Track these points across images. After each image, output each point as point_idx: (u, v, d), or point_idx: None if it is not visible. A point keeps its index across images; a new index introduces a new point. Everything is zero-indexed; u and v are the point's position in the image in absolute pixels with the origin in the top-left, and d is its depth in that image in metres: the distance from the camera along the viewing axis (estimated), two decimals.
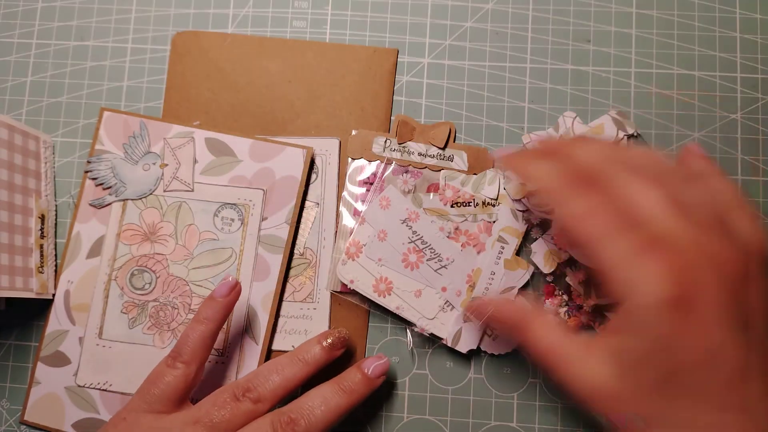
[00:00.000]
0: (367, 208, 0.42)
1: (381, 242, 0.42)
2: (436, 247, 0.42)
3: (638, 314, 0.26)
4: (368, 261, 0.42)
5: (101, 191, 0.44)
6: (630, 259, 0.27)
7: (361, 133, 0.44)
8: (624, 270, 0.27)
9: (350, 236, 0.42)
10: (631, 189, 0.29)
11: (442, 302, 0.41)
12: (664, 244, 0.27)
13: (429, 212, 0.42)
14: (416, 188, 0.43)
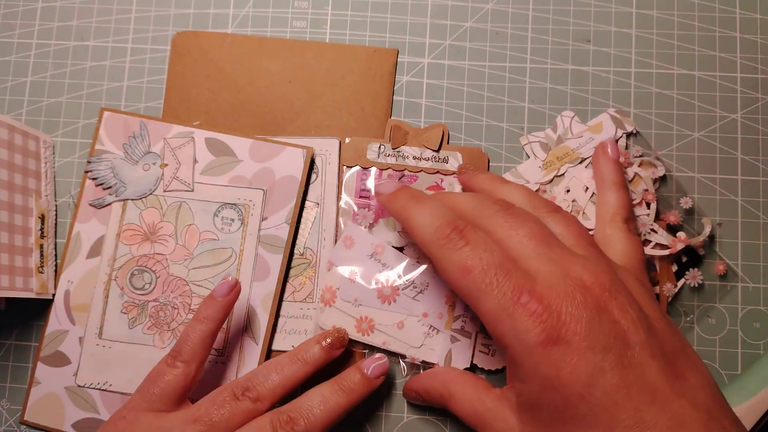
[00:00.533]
0: (333, 252, 0.42)
1: (353, 283, 0.41)
2: (408, 276, 0.41)
3: (521, 361, 0.28)
4: (345, 304, 0.41)
5: (101, 191, 0.44)
6: (505, 310, 0.28)
7: (355, 141, 0.44)
8: (501, 322, 0.28)
9: (321, 284, 0.42)
10: (501, 233, 0.31)
11: (426, 328, 0.41)
12: (531, 285, 0.28)
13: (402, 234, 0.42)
14: (376, 219, 0.42)
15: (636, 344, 0.27)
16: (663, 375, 0.26)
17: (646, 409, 0.26)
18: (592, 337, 0.27)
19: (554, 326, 0.27)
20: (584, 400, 0.26)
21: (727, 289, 0.43)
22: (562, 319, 0.27)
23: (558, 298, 0.27)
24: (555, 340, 0.27)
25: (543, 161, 0.43)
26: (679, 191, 0.43)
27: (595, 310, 0.27)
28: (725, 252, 0.43)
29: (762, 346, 0.42)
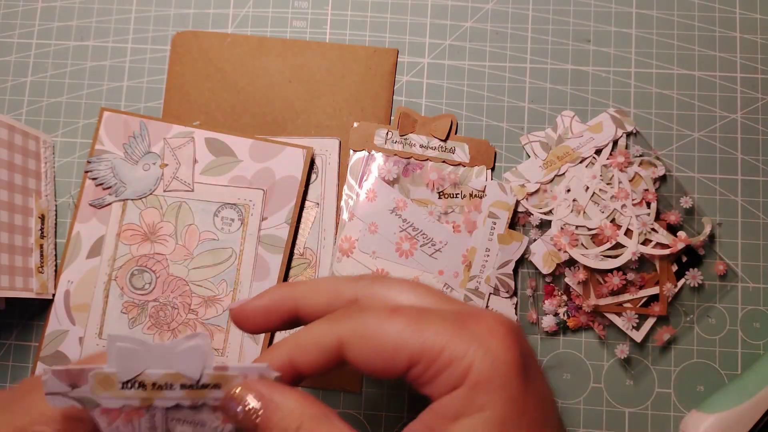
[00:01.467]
0: (355, 202, 0.43)
1: (373, 235, 0.42)
2: (428, 232, 0.42)
3: (490, 383, 0.23)
4: (362, 255, 0.42)
5: (101, 191, 0.44)
6: (457, 335, 0.23)
7: (363, 126, 0.44)
8: (456, 346, 0.23)
9: (342, 233, 0.42)
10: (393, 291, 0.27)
11: (440, 286, 0.41)
12: (477, 316, 0.25)
13: (416, 203, 0.42)
14: (400, 177, 0.43)
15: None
16: None
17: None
18: (538, 365, 0.25)
19: (523, 350, 0.25)
20: (541, 423, 0.25)
21: (727, 289, 0.43)
22: (525, 345, 0.26)
23: (513, 325, 0.26)
24: (523, 363, 0.25)
25: (543, 161, 0.43)
26: (679, 191, 0.43)
27: (527, 343, 0.26)
28: (725, 252, 0.43)
29: (762, 346, 0.42)
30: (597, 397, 0.42)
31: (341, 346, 0.24)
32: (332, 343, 0.25)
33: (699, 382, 0.42)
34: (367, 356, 0.24)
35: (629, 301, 0.41)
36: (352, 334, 0.24)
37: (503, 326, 0.24)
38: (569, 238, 0.41)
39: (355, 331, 0.24)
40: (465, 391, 0.22)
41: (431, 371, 0.23)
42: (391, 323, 0.24)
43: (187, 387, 0.24)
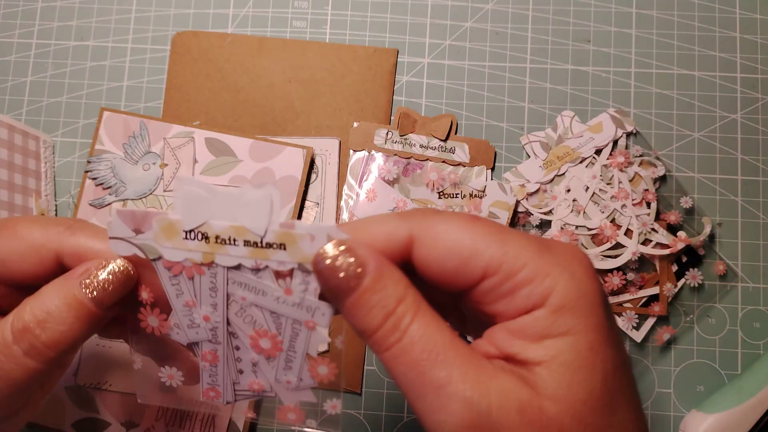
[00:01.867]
0: (355, 202, 0.42)
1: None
2: None
3: (577, 307, 0.21)
4: None
5: (101, 191, 0.44)
6: (541, 255, 0.22)
7: (363, 125, 0.44)
8: (539, 264, 0.21)
9: None
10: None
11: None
12: (559, 243, 0.23)
13: (416, 203, 0.42)
14: (400, 177, 0.43)
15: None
16: None
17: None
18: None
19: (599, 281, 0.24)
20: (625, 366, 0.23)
21: (727, 289, 0.43)
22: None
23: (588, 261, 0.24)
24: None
25: (543, 161, 0.43)
26: (679, 191, 0.43)
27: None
28: (725, 252, 0.43)
29: (762, 346, 0.42)
30: None
31: (412, 242, 0.23)
32: (403, 237, 0.23)
33: (699, 382, 0.42)
34: (439, 257, 0.22)
35: (629, 301, 0.41)
36: (426, 230, 0.22)
37: (586, 257, 0.22)
38: (569, 238, 0.41)
39: (430, 228, 0.22)
40: (548, 313, 0.21)
41: (508, 285, 0.21)
42: (472, 227, 0.22)
43: (251, 244, 0.23)
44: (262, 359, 0.26)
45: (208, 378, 0.27)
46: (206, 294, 0.25)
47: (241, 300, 0.25)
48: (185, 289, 0.25)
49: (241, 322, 0.26)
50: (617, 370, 0.21)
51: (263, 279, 0.24)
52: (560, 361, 0.20)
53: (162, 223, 0.24)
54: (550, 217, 0.42)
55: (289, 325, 0.25)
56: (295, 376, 0.26)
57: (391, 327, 0.21)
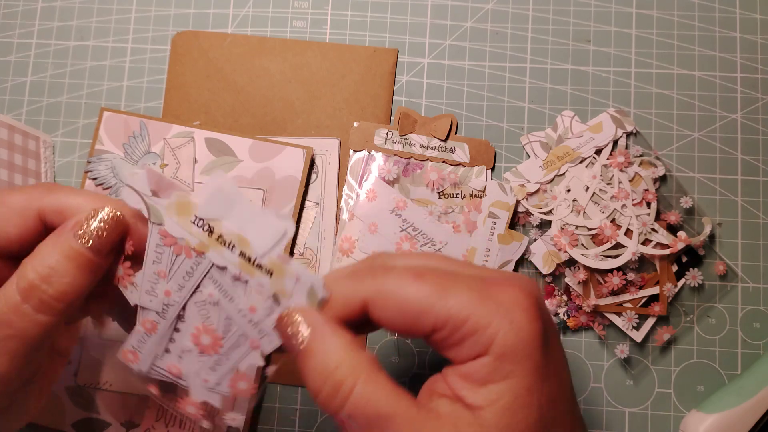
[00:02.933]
0: (355, 202, 0.43)
1: (373, 235, 0.42)
2: (428, 232, 0.42)
3: (516, 353, 0.23)
4: (363, 255, 0.42)
5: (101, 191, 0.44)
6: (483, 304, 0.24)
7: (363, 126, 0.44)
8: (481, 315, 0.23)
9: (342, 232, 0.42)
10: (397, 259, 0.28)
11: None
12: (501, 284, 0.25)
13: (416, 203, 0.42)
14: (400, 177, 0.43)
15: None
16: None
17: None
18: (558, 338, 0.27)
19: (545, 319, 0.26)
20: (562, 393, 0.26)
21: (727, 289, 0.43)
22: (546, 314, 0.26)
23: (538, 294, 0.27)
24: (545, 333, 0.26)
25: (543, 161, 0.43)
26: (679, 191, 0.43)
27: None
28: (725, 252, 0.43)
29: (762, 346, 0.42)
30: (597, 397, 0.42)
31: (365, 305, 0.25)
32: (357, 301, 0.25)
33: (699, 382, 0.42)
34: (391, 317, 0.24)
35: (629, 301, 0.41)
36: (376, 294, 0.25)
37: (527, 298, 0.24)
38: (569, 238, 0.41)
39: (379, 292, 0.25)
40: (491, 360, 0.23)
41: (455, 337, 0.24)
42: (417, 287, 0.24)
43: (244, 257, 0.24)
44: (195, 351, 0.27)
45: (136, 342, 0.27)
46: (180, 274, 0.26)
47: (208, 295, 0.26)
48: (164, 260, 0.26)
49: (195, 312, 0.27)
50: (553, 402, 0.24)
51: (237, 288, 0.25)
52: (501, 404, 0.23)
53: (180, 198, 0.24)
54: (550, 217, 0.42)
55: (236, 335, 0.26)
56: (215, 379, 0.27)
57: (330, 392, 0.23)
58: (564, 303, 0.42)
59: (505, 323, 0.23)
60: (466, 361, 0.24)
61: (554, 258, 0.41)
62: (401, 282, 0.24)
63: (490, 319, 0.23)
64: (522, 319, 0.24)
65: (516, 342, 0.23)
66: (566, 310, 0.42)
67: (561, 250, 0.41)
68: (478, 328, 0.23)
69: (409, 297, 0.24)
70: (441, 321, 0.24)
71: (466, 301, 0.24)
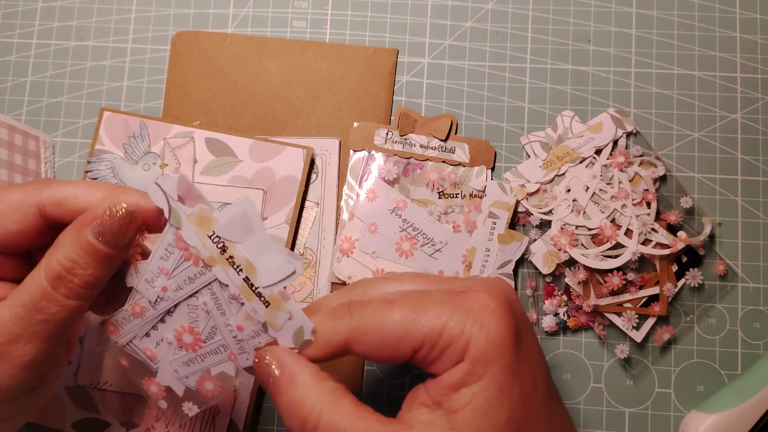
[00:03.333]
0: (355, 202, 0.43)
1: (373, 235, 0.42)
2: (428, 232, 0.42)
3: (487, 354, 0.25)
4: (362, 255, 0.42)
5: None
6: (453, 315, 0.25)
7: (363, 125, 0.44)
8: (454, 326, 0.25)
9: (342, 232, 0.42)
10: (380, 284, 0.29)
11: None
12: (469, 292, 0.26)
13: (416, 203, 0.42)
14: (400, 177, 0.43)
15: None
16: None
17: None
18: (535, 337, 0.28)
19: (517, 320, 0.27)
20: (534, 389, 0.27)
21: (727, 289, 0.43)
22: (519, 315, 0.28)
23: (511, 296, 0.28)
24: (517, 334, 0.27)
25: (543, 161, 0.43)
26: (679, 191, 0.43)
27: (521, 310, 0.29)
28: (725, 252, 0.43)
29: (762, 346, 0.42)
30: (597, 397, 0.42)
31: (347, 342, 0.26)
32: (338, 341, 0.26)
33: (699, 382, 0.42)
34: (373, 349, 0.26)
35: (629, 301, 0.41)
36: (355, 331, 0.26)
37: (495, 299, 0.26)
38: (569, 238, 0.41)
39: (357, 329, 0.26)
40: (466, 365, 0.25)
41: (434, 353, 0.25)
42: (390, 316, 0.25)
43: (248, 282, 0.26)
44: (174, 344, 0.29)
45: (120, 318, 0.29)
46: (182, 277, 0.27)
47: (203, 303, 0.28)
48: (171, 260, 0.27)
49: (185, 312, 0.28)
50: (526, 399, 0.25)
51: (232, 306, 0.27)
52: (473, 406, 0.24)
53: (204, 211, 0.26)
54: (550, 217, 0.42)
55: (218, 344, 0.28)
56: (185, 372, 0.29)
57: (300, 425, 0.25)
58: (564, 303, 0.42)
59: (476, 327, 0.24)
60: (444, 371, 0.25)
61: (554, 258, 0.41)
62: (376, 314, 0.26)
63: (462, 327, 0.25)
64: (491, 320, 0.25)
65: (486, 344, 0.24)
66: (566, 310, 0.42)
67: (561, 250, 0.41)
68: (453, 338, 0.25)
69: (384, 327, 0.25)
70: (418, 341, 0.25)
71: (438, 315, 0.25)
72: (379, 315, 0.26)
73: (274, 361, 0.26)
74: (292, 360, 0.26)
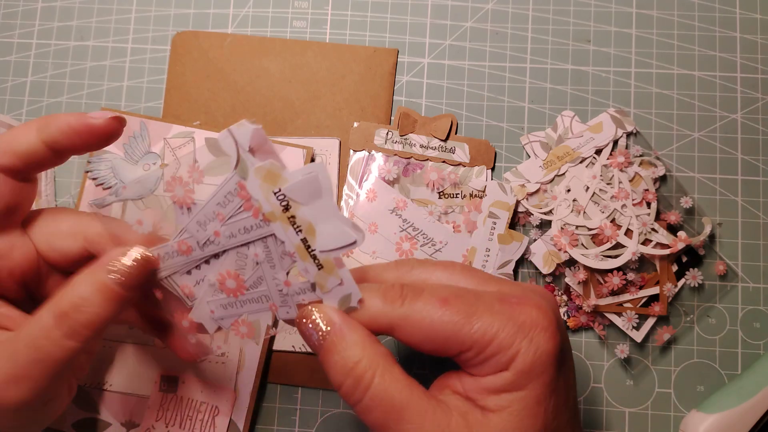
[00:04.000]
0: (355, 202, 0.43)
1: (373, 235, 0.42)
2: (428, 232, 0.42)
3: (532, 370, 0.25)
4: (363, 255, 0.42)
5: (101, 191, 0.44)
6: (505, 326, 0.26)
7: (363, 125, 0.44)
8: (504, 337, 0.25)
9: None
10: (435, 275, 0.30)
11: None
12: (522, 304, 0.27)
13: (417, 203, 0.42)
14: (400, 177, 0.43)
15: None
16: None
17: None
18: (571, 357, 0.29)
19: (562, 339, 0.28)
20: (565, 411, 0.28)
21: (727, 289, 0.43)
22: (564, 333, 0.29)
23: (556, 312, 0.29)
24: (562, 352, 0.28)
25: (543, 161, 0.43)
26: (679, 191, 0.43)
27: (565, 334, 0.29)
28: (725, 252, 0.43)
29: (762, 346, 0.42)
30: (597, 397, 0.42)
31: (391, 327, 0.26)
32: (384, 323, 0.26)
33: (699, 382, 0.42)
34: (417, 341, 0.26)
35: (629, 301, 0.41)
36: (404, 321, 0.26)
37: (546, 317, 0.26)
38: (569, 238, 0.41)
39: (406, 318, 0.26)
40: (510, 375, 0.25)
41: (479, 358, 0.26)
42: (443, 315, 0.26)
43: (304, 243, 0.26)
44: (215, 286, 0.29)
45: (164, 252, 0.29)
46: (238, 226, 0.27)
47: (254, 254, 0.27)
48: (229, 207, 0.28)
49: (233, 259, 0.28)
50: (558, 412, 0.26)
51: (284, 261, 0.27)
52: (510, 410, 0.25)
53: (273, 167, 0.25)
54: (550, 217, 0.42)
55: (261, 293, 0.28)
56: (221, 315, 0.29)
57: (352, 384, 0.25)
58: (564, 303, 0.42)
59: (525, 344, 0.25)
60: (484, 375, 0.26)
61: (554, 258, 0.41)
62: (428, 310, 0.26)
63: (512, 341, 0.25)
64: (540, 338, 0.26)
65: (533, 360, 0.25)
66: (566, 310, 0.42)
67: (561, 250, 0.41)
68: (501, 349, 0.25)
69: (435, 325, 0.26)
70: (467, 345, 0.26)
71: (489, 325, 0.25)
72: (432, 312, 0.26)
73: (324, 318, 0.26)
74: (344, 319, 0.26)
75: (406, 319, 0.26)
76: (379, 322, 0.26)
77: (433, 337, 0.26)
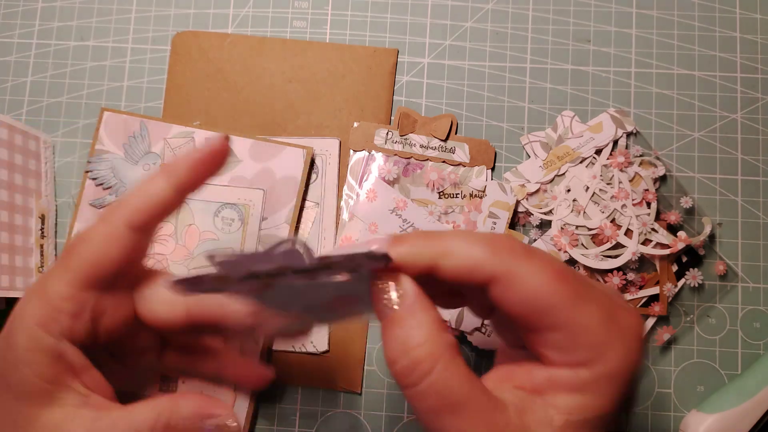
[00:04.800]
0: (355, 202, 0.43)
1: (373, 235, 0.42)
2: None
3: (616, 378, 0.24)
4: None
5: (101, 191, 0.44)
6: (606, 324, 0.24)
7: (363, 125, 0.44)
8: (603, 333, 0.24)
9: (342, 232, 0.42)
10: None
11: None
12: (626, 309, 0.26)
13: (417, 203, 0.42)
14: (400, 177, 0.43)
15: None
16: None
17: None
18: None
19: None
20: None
21: (727, 289, 0.43)
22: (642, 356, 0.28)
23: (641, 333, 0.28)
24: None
25: (543, 161, 0.43)
26: (679, 191, 0.43)
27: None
28: (725, 252, 0.43)
29: (762, 346, 0.42)
30: None
31: (491, 281, 0.24)
32: (485, 275, 0.24)
33: (699, 382, 0.42)
34: (514, 305, 0.24)
35: (629, 301, 0.41)
36: (510, 277, 0.24)
37: (641, 327, 0.25)
38: (569, 238, 0.41)
39: (514, 275, 0.24)
40: (590, 375, 0.24)
41: (567, 343, 0.24)
42: (556, 287, 0.24)
43: (299, 272, 0.24)
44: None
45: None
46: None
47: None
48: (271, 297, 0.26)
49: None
50: (611, 422, 0.25)
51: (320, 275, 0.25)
52: (576, 414, 0.24)
53: (215, 278, 0.24)
54: (550, 217, 0.42)
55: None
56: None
57: (408, 366, 0.23)
58: None
59: (622, 349, 0.24)
60: (560, 364, 0.24)
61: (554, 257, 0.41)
62: (542, 275, 0.24)
63: (610, 340, 0.24)
64: (635, 347, 0.24)
65: (621, 369, 0.24)
66: None
67: (561, 250, 0.41)
68: (597, 344, 0.24)
69: (543, 293, 0.24)
70: (562, 324, 0.24)
71: (594, 314, 0.24)
72: (546, 279, 0.24)
73: (399, 288, 0.24)
74: (420, 297, 0.24)
75: (513, 275, 0.24)
76: (479, 272, 0.24)
77: (533, 306, 0.24)
